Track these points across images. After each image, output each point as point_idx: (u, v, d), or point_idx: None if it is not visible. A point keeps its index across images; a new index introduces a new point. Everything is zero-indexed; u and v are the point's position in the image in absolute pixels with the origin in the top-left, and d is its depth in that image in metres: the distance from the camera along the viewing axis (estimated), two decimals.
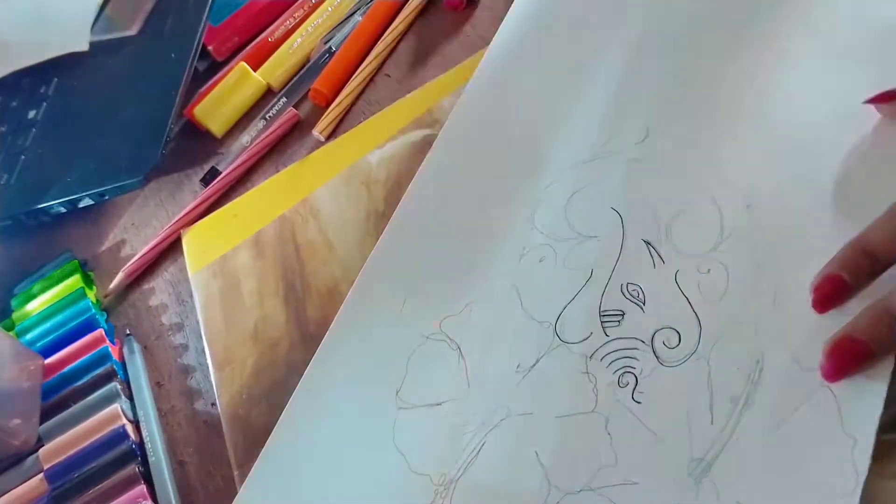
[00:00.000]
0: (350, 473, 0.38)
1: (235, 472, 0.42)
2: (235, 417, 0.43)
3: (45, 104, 0.64)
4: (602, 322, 0.37)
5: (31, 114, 0.64)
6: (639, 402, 0.34)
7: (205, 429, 0.44)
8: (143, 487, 0.42)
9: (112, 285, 0.53)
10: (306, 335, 0.44)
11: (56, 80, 0.65)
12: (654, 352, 0.35)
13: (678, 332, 0.35)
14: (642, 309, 0.36)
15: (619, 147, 0.41)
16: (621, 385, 0.35)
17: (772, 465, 0.31)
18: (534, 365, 0.37)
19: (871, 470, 0.29)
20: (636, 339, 0.36)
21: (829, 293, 0.31)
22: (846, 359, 0.30)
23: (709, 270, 0.35)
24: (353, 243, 0.46)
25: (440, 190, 0.45)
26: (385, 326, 0.41)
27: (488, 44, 0.49)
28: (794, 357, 0.32)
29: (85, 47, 0.64)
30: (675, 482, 0.32)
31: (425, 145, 0.48)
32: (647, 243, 0.37)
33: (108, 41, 0.65)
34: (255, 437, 0.42)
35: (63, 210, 0.57)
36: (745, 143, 0.38)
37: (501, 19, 0.50)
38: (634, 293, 0.37)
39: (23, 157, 0.62)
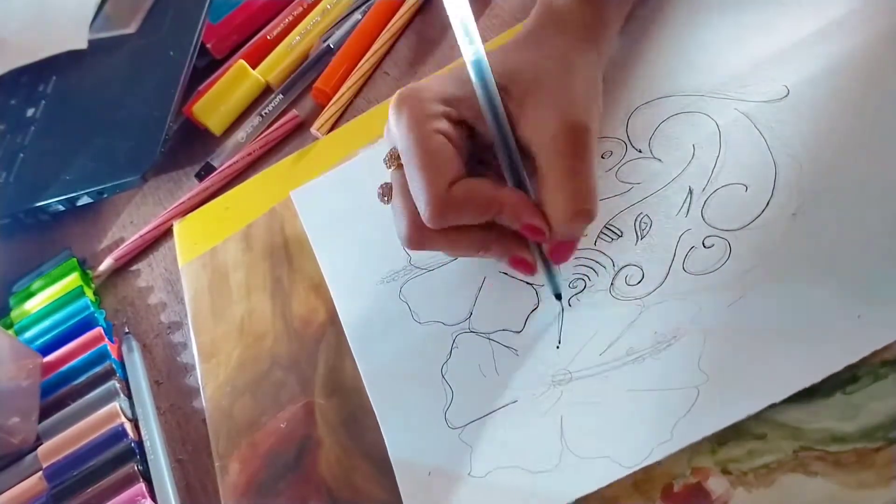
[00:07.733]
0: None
1: (217, 464, 0.42)
2: (219, 409, 0.44)
3: (43, 102, 0.64)
4: (600, 231, 0.39)
5: (30, 112, 0.64)
6: (570, 306, 0.38)
7: (203, 427, 0.44)
8: (141, 486, 0.42)
9: (100, 268, 0.54)
10: (290, 330, 0.44)
11: (55, 78, 0.65)
12: (613, 278, 0.38)
13: (643, 275, 0.37)
14: (637, 241, 0.38)
15: (751, 95, 0.40)
16: (571, 286, 0.38)
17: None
18: None
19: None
20: (610, 258, 0.38)
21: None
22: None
23: (712, 245, 0.36)
24: None
25: None
26: None
27: (488, 41, 0.49)
28: (702, 352, 0.34)
29: (84, 45, 0.64)
30: (539, 380, 0.37)
31: None
32: (690, 192, 0.38)
33: (106, 39, 0.65)
34: (238, 429, 0.42)
35: (62, 208, 0.57)
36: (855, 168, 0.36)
37: (501, 17, 0.50)
38: (643, 226, 0.38)
39: (21, 155, 0.62)
